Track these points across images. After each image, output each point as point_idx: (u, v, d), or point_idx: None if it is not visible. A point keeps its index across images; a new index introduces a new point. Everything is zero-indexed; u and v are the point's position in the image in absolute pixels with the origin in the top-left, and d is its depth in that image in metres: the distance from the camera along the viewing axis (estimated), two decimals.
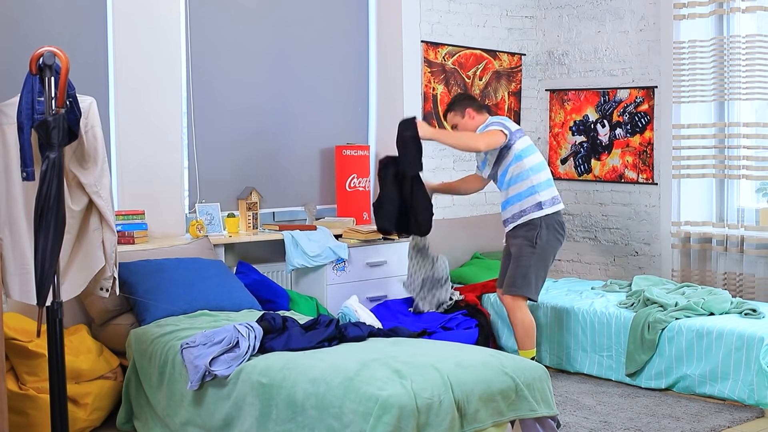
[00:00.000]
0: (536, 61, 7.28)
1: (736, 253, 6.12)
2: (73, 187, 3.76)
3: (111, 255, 3.85)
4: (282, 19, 6.13)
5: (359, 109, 6.61)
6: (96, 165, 3.78)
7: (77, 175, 3.76)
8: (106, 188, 3.81)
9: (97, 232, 3.82)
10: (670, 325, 5.12)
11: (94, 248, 3.82)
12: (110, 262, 3.85)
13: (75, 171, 3.76)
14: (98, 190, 3.78)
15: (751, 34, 6.04)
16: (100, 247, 3.83)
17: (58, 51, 3.45)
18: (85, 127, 3.75)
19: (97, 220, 3.82)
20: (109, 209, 3.82)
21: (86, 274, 3.84)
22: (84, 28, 5.22)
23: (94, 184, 3.77)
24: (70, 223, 3.71)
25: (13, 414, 4.11)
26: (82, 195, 3.78)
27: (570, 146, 7.11)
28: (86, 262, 3.83)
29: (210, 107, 5.79)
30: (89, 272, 3.84)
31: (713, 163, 6.29)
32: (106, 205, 3.80)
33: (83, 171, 3.77)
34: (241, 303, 4.96)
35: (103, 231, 3.82)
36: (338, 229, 5.97)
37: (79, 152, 3.76)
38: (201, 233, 5.41)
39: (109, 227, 3.83)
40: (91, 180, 3.77)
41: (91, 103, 3.81)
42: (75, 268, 3.82)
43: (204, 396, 4.03)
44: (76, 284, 3.84)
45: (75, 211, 3.75)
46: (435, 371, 3.59)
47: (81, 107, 3.71)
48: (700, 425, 4.58)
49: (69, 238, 3.74)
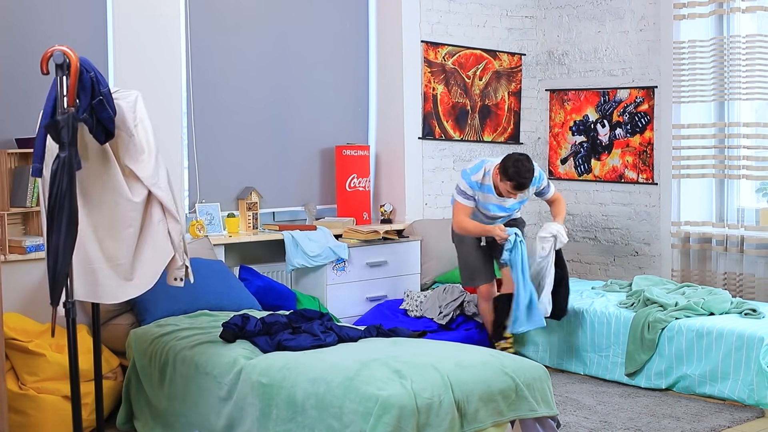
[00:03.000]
0: (536, 61, 7.28)
1: (736, 253, 6.12)
2: (130, 180, 3.73)
3: (179, 244, 3.80)
4: (282, 19, 6.13)
5: (359, 109, 6.61)
6: (151, 157, 3.74)
7: (133, 169, 3.73)
8: (164, 179, 3.77)
9: (161, 224, 3.78)
10: (670, 325, 5.11)
11: (161, 239, 3.78)
12: (179, 251, 3.80)
13: (130, 165, 3.73)
14: (156, 181, 3.74)
15: (751, 34, 6.04)
16: (167, 237, 3.78)
17: (69, 50, 3.43)
18: (135, 121, 3.72)
19: (159, 212, 3.78)
20: (169, 199, 3.77)
21: (157, 267, 3.80)
22: (84, 28, 5.22)
23: (151, 176, 3.73)
24: (131, 216, 3.70)
25: (13, 414, 4.11)
26: (141, 187, 3.74)
27: (570, 146, 7.11)
28: (155, 255, 3.79)
29: (210, 107, 5.79)
30: (160, 264, 3.80)
31: (713, 163, 6.28)
32: (166, 196, 3.76)
33: (138, 165, 3.73)
34: (241, 303, 4.97)
35: (167, 221, 3.79)
36: (338, 229, 5.97)
37: (131, 147, 3.73)
38: (201, 233, 5.42)
39: (173, 217, 3.78)
40: (148, 172, 3.73)
41: (137, 97, 3.76)
42: (144, 263, 3.79)
43: (205, 396, 4.03)
44: (148, 279, 3.80)
45: (136, 203, 3.72)
46: (435, 371, 3.59)
47: (128, 102, 3.68)
48: (700, 425, 4.58)
49: (132, 231, 3.73)
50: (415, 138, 6.58)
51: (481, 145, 6.98)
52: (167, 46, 5.42)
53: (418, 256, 6.22)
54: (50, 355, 4.30)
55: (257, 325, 4.21)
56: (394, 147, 6.58)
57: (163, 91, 5.39)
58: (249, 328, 4.19)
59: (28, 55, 4.81)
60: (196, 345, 4.22)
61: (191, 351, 4.19)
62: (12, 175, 4.78)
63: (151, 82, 5.32)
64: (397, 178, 6.57)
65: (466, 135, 6.87)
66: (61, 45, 3.48)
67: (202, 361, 4.09)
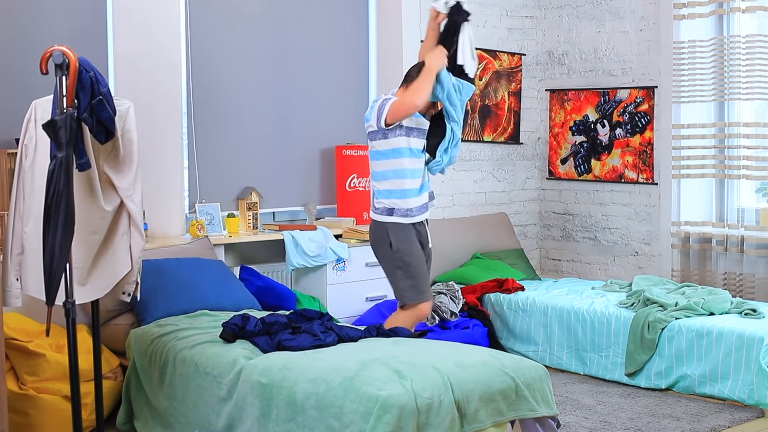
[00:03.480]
0: (536, 61, 7.28)
1: (736, 253, 6.12)
2: (106, 188, 3.75)
3: (137, 260, 3.84)
4: (282, 18, 6.13)
5: (359, 109, 6.60)
6: (131, 169, 3.78)
7: (111, 178, 3.75)
8: (139, 193, 3.81)
9: (125, 236, 3.81)
10: (670, 325, 5.12)
11: (122, 251, 3.81)
12: (136, 267, 3.84)
13: (110, 174, 3.75)
14: (131, 194, 3.77)
15: (751, 34, 6.04)
16: (128, 251, 3.82)
17: (68, 50, 3.44)
18: (122, 131, 3.75)
19: (126, 224, 3.81)
20: (139, 214, 3.81)
21: (111, 277, 3.82)
22: (84, 28, 5.22)
23: (128, 188, 3.77)
24: (99, 224, 3.72)
25: (13, 414, 4.11)
26: (115, 196, 3.77)
27: (570, 146, 7.11)
28: (112, 265, 3.82)
29: (210, 107, 5.79)
30: (114, 276, 3.83)
31: (713, 163, 6.29)
32: (137, 210, 3.80)
33: (118, 174, 3.76)
34: (241, 303, 4.97)
35: (131, 235, 3.81)
36: (338, 229, 5.97)
37: (113, 156, 3.76)
38: (201, 233, 5.42)
39: (138, 231, 3.82)
40: (126, 184, 3.77)
41: (129, 108, 3.79)
42: (100, 271, 3.81)
43: (205, 396, 4.03)
44: (100, 287, 3.82)
45: (107, 212, 3.74)
46: (435, 371, 3.59)
47: (119, 110, 3.70)
48: (700, 425, 4.58)
49: (96, 238, 3.75)
50: None
51: (481, 145, 6.98)
52: (167, 46, 5.42)
53: None
54: (50, 355, 4.30)
55: (257, 325, 4.22)
56: None
57: (163, 91, 5.40)
58: (249, 328, 4.19)
59: (29, 55, 4.81)
60: (196, 345, 4.22)
61: (191, 351, 4.19)
62: (12, 175, 4.77)
63: (151, 82, 5.33)
64: None
65: (466, 135, 6.86)
66: (60, 45, 3.49)
67: (202, 361, 4.09)
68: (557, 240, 7.26)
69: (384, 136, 4.58)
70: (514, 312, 5.83)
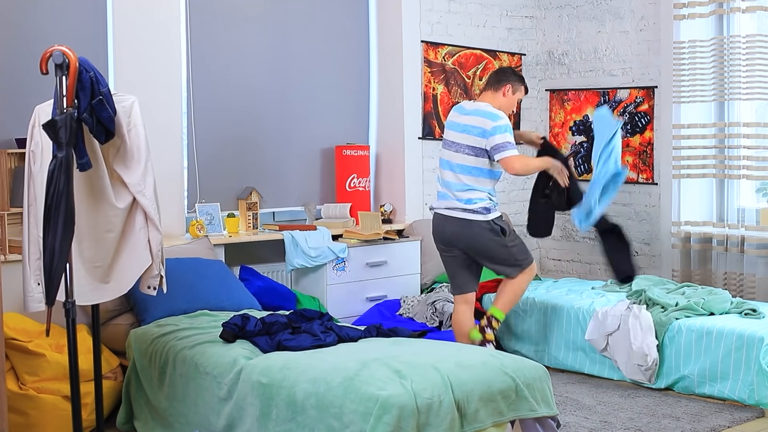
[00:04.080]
0: (536, 61, 7.28)
1: (737, 253, 6.12)
2: (117, 186, 3.75)
3: (157, 253, 3.83)
4: (282, 19, 6.13)
5: (359, 109, 6.61)
6: (140, 164, 3.76)
7: (121, 174, 3.75)
8: (150, 187, 3.80)
9: (142, 231, 3.81)
10: (670, 325, 5.11)
11: (140, 247, 3.81)
12: (156, 261, 3.84)
13: (119, 170, 3.75)
14: (142, 189, 3.77)
15: (751, 34, 6.04)
16: (147, 245, 3.82)
17: (67, 50, 3.44)
18: (128, 126, 3.74)
19: (142, 219, 3.80)
20: (153, 208, 3.80)
21: (133, 273, 3.83)
22: (84, 28, 5.22)
23: (138, 183, 3.76)
24: (113, 222, 3.73)
25: (13, 414, 4.11)
26: (126, 193, 3.76)
27: (570, 146, 7.11)
28: (133, 261, 3.82)
29: (210, 107, 5.79)
30: (136, 271, 3.83)
31: (713, 163, 6.29)
32: (150, 204, 3.79)
33: (127, 170, 3.75)
34: (241, 303, 4.97)
35: (148, 230, 3.82)
36: (338, 229, 5.97)
37: (122, 151, 3.75)
38: (201, 233, 5.42)
39: (155, 226, 3.81)
40: (135, 179, 3.76)
41: (134, 102, 3.78)
42: (121, 267, 3.81)
43: (205, 396, 4.03)
44: (123, 283, 3.83)
45: (119, 210, 3.74)
46: (435, 371, 3.59)
47: (123, 106, 3.70)
48: (700, 425, 4.58)
49: (113, 236, 3.75)
50: (415, 138, 6.59)
51: None
52: (167, 46, 5.42)
53: (418, 256, 6.22)
54: (50, 355, 4.30)
55: (257, 325, 4.22)
56: (394, 147, 6.58)
57: (163, 90, 5.40)
58: (249, 328, 4.19)
59: (28, 55, 4.81)
60: (196, 345, 4.22)
61: (191, 351, 4.19)
62: (12, 175, 4.78)
63: (151, 81, 5.33)
64: (398, 178, 6.58)
65: None
66: (60, 45, 3.49)
67: (202, 361, 4.09)
68: (557, 240, 7.26)
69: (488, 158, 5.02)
70: (514, 312, 5.82)
